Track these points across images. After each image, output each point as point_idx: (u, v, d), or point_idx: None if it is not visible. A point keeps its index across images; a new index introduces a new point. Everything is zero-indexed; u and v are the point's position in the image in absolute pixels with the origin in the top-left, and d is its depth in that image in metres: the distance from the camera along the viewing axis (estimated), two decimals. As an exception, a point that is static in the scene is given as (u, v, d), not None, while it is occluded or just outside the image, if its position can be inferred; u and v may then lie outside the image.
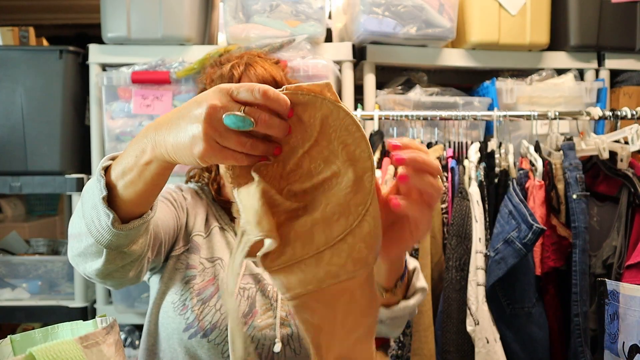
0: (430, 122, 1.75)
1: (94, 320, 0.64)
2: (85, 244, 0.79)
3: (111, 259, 0.79)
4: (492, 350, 1.42)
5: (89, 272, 0.84)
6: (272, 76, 1.15)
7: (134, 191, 0.73)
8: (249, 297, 1.06)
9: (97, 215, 0.75)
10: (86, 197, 0.77)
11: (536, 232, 1.38)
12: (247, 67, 1.14)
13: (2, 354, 0.60)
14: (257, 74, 1.14)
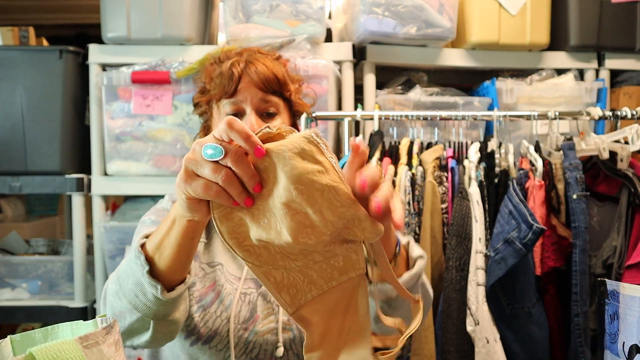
0: (430, 122, 1.75)
1: (94, 320, 0.64)
2: (129, 320, 0.85)
3: (158, 328, 0.86)
4: (492, 350, 1.42)
5: (141, 344, 0.91)
6: (273, 73, 1.12)
7: (170, 258, 0.77)
8: (250, 302, 1.04)
9: (142, 289, 0.80)
10: (124, 277, 0.83)
11: (536, 232, 1.38)
12: (247, 65, 1.12)
13: (2, 354, 0.60)
14: (258, 71, 1.11)
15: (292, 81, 1.19)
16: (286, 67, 1.24)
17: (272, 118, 1.13)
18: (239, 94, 1.10)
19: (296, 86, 1.21)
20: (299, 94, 1.23)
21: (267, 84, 1.11)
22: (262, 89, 1.10)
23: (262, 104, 1.11)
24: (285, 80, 1.14)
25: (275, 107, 1.13)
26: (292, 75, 1.22)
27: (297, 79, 1.24)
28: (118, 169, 1.86)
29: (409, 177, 1.55)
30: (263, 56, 1.17)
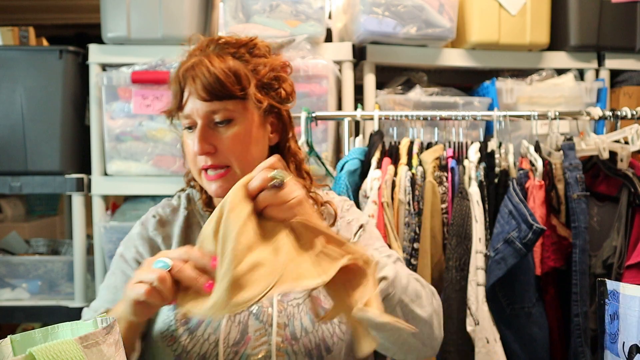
0: (430, 122, 1.75)
1: (94, 320, 0.64)
2: None
3: None
4: (492, 350, 1.42)
5: None
6: (215, 77, 0.96)
7: None
8: (240, 322, 0.96)
9: None
10: None
11: (536, 232, 1.38)
12: (191, 71, 0.98)
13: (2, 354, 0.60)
14: (199, 78, 0.96)
15: (258, 73, 1.01)
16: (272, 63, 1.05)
17: (227, 125, 0.98)
18: (187, 106, 0.99)
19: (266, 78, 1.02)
20: (281, 84, 1.05)
21: (209, 91, 0.97)
22: (205, 99, 0.97)
23: (209, 114, 0.98)
24: (237, 79, 0.98)
25: (227, 114, 0.98)
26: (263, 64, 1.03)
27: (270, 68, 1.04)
28: (118, 169, 1.86)
29: (409, 177, 1.55)
30: (219, 52, 1.01)
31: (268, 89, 1.03)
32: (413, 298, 0.91)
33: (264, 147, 1.04)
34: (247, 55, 1.03)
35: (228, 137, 0.99)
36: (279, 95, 1.05)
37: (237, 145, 0.99)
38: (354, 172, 1.60)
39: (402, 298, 0.89)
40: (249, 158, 1.00)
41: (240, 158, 1.00)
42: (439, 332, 1.00)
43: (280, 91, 1.05)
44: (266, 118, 1.04)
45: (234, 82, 0.98)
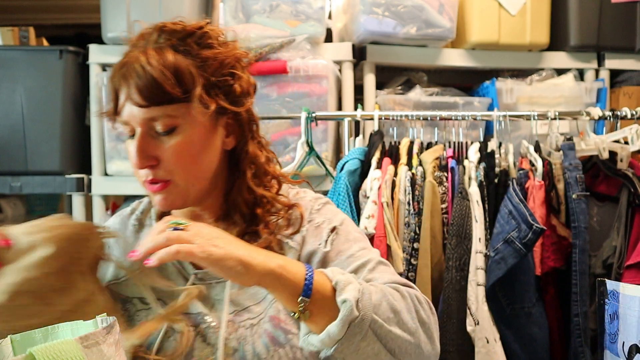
0: (430, 122, 1.75)
1: (94, 320, 0.64)
2: None
3: None
4: (492, 350, 1.42)
5: None
6: (152, 78, 0.81)
7: None
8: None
9: None
10: None
11: (536, 232, 1.38)
12: (125, 70, 0.84)
13: (2, 354, 0.60)
14: (134, 79, 0.82)
15: (207, 70, 0.86)
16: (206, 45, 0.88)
17: (170, 134, 0.84)
18: (123, 111, 0.86)
19: (217, 75, 0.87)
20: (235, 80, 0.89)
21: (145, 96, 0.82)
22: (140, 104, 0.82)
23: (148, 122, 0.84)
24: (178, 79, 0.83)
25: (169, 122, 0.83)
26: (213, 58, 0.87)
27: (221, 63, 0.88)
28: (118, 169, 1.86)
29: (409, 177, 1.55)
30: (159, 45, 0.85)
31: (219, 87, 0.87)
32: (389, 316, 0.77)
33: (215, 154, 0.89)
34: (194, 48, 0.86)
35: (171, 148, 0.84)
36: (232, 94, 0.89)
37: (182, 156, 0.85)
38: (354, 172, 1.60)
39: (374, 319, 0.75)
40: (195, 169, 0.87)
41: (185, 170, 0.86)
42: (430, 348, 0.84)
43: (235, 89, 0.89)
44: (218, 120, 0.89)
45: (175, 83, 0.82)
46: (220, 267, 0.73)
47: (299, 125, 1.67)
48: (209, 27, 0.89)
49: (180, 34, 0.87)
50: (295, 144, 1.72)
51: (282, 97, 1.78)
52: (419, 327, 0.81)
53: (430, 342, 0.84)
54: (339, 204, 1.54)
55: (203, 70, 0.86)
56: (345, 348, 0.75)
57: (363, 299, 0.75)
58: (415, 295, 0.84)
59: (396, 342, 0.78)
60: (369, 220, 1.50)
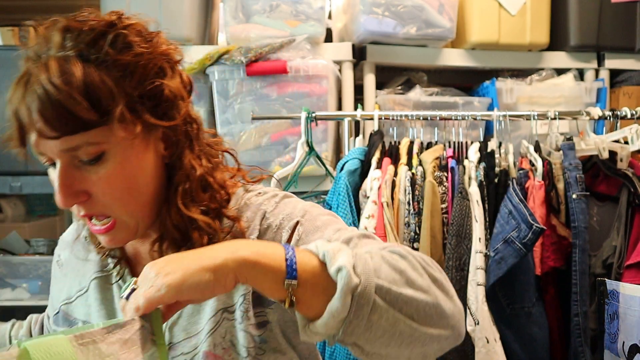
0: (430, 122, 1.75)
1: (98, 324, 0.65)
2: None
3: None
4: (492, 350, 1.42)
5: None
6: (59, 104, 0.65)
7: None
8: None
9: None
10: None
11: (536, 232, 1.38)
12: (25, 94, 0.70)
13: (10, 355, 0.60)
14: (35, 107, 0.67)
15: (130, 79, 0.70)
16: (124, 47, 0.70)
17: (97, 164, 0.70)
18: (33, 141, 0.71)
19: (142, 86, 0.71)
20: (163, 85, 0.73)
21: (53, 127, 0.66)
22: (50, 137, 0.67)
23: (68, 153, 0.70)
24: (93, 101, 0.67)
25: (93, 150, 0.69)
26: (135, 63, 0.71)
27: (145, 68, 0.72)
28: (118, 169, 1.86)
29: (408, 177, 1.55)
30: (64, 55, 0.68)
31: (145, 99, 0.71)
32: (394, 278, 0.64)
33: (154, 174, 0.75)
34: (109, 53, 0.69)
35: (101, 180, 0.70)
36: (163, 104, 0.73)
37: (116, 187, 0.71)
38: (354, 172, 1.60)
39: (378, 284, 0.62)
40: (134, 198, 0.73)
41: (123, 202, 0.73)
42: (451, 305, 0.68)
43: (165, 97, 0.73)
44: (151, 135, 0.74)
45: (88, 106, 0.66)
46: (187, 291, 0.59)
47: (299, 125, 1.67)
48: (126, 22, 0.72)
49: (89, 35, 0.69)
50: (295, 144, 1.72)
51: (282, 97, 1.78)
52: (431, 283, 0.67)
53: (449, 299, 0.68)
54: (339, 204, 1.54)
55: (123, 81, 0.69)
56: (356, 327, 0.61)
57: (359, 264, 0.63)
58: (418, 255, 0.70)
59: (412, 304, 0.64)
60: (369, 220, 1.50)
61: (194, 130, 0.79)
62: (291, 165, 1.66)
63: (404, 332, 0.63)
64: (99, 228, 0.74)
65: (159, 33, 0.76)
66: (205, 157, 0.80)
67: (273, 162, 1.81)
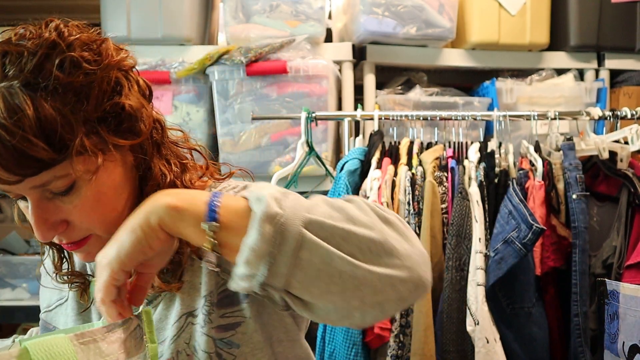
0: (430, 122, 1.75)
1: (103, 320, 0.64)
2: None
3: None
4: (492, 350, 1.42)
5: None
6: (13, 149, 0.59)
7: None
8: None
9: None
10: None
11: (536, 232, 1.38)
12: None
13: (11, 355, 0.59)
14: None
15: (86, 104, 0.64)
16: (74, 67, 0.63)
17: (69, 194, 0.66)
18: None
19: (101, 109, 0.65)
20: (122, 99, 0.68)
21: (13, 172, 0.61)
22: (12, 182, 0.62)
23: (36, 189, 0.65)
24: (49, 139, 0.61)
25: (61, 183, 0.65)
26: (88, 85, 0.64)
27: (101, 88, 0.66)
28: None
29: (409, 177, 1.55)
30: (8, 89, 0.61)
31: (107, 119, 0.66)
32: (331, 214, 0.58)
33: (128, 184, 0.72)
34: (58, 77, 0.62)
35: (77, 208, 0.67)
36: (125, 121, 0.68)
37: (95, 211, 0.68)
38: (354, 172, 1.60)
39: (308, 217, 0.56)
40: (114, 215, 0.70)
41: (104, 222, 0.69)
42: (407, 246, 0.60)
43: (127, 113, 0.68)
44: (118, 154, 0.70)
45: (46, 147, 0.60)
46: (126, 258, 0.58)
47: (299, 125, 1.67)
48: (68, 38, 0.65)
49: (31, 61, 0.62)
50: (295, 144, 1.72)
51: (282, 97, 1.78)
52: (379, 222, 0.60)
53: (405, 239, 0.60)
54: (339, 204, 1.53)
55: (80, 107, 0.63)
56: (281, 265, 0.54)
57: (288, 199, 0.57)
58: (375, 203, 0.63)
59: (351, 240, 0.56)
60: (369, 220, 1.50)
61: (159, 134, 0.75)
62: (291, 165, 1.66)
63: (344, 272, 0.55)
64: (73, 245, 0.71)
65: (105, 40, 0.69)
66: (174, 159, 0.77)
67: (273, 162, 1.81)
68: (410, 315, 1.48)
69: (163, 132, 0.76)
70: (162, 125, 0.76)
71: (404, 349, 1.47)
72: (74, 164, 0.63)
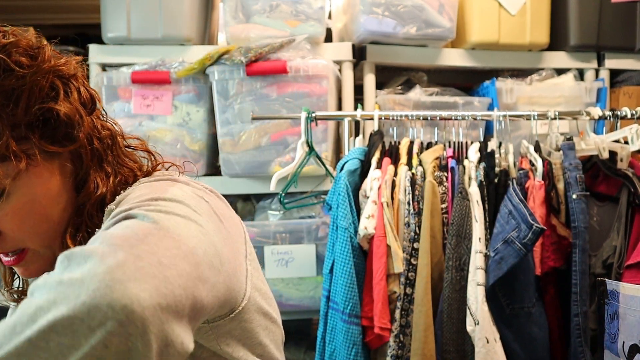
0: (430, 122, 1.75)
1: None
2: None
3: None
4: (492, 350, 1.42)
5: None
6: None
7: None
8: None
9: None
10: None
11: (536, 232, 1.38)
12: None
13: None
14: None
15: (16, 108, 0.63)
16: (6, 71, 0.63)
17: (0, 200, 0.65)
18: None
19: (31, 113, 0.64)
20: (57, 105, 0.66)
21: None
22: None
23: None
24: None
25: None
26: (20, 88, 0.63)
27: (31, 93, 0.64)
28: (118, 169, 1.86)
29: (408, 177, 1.55)
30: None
31: (37, 125, 0.65)
32: None
33: (66, 197, 0.69)
34: None
35: (7, 217, 0.65)
36: (60, 127, 0.67)
37: (25, 222, 0.66)
38: (354, 172, 1.60)
39: None
40: (47, 228, 0.68)
41: (36, 234, 0.67)
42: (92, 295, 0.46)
43: (61, 120, 0.66)
44: (55, 158, 0.68)
45: None
46: None
47: (299, 125, 1.67)
48: (3, 40, 0.64)
49: None
50: (295, 144, 1.72)
51: (282, 97, 1.78)
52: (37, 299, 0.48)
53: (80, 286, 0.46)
54: (339, 204, 1.54)
55: (6, 110, 0.62)
56: None
57: None
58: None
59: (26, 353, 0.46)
60: (369, 220, 1.50)
61: (104, 146, 0.72)
62: (291, 165, 1.66)
63: None
64: (10, 259, 0.68)
65: (44, 47, 0.67)
66: (118, 171, 0.73)
67: (273, 162, 1.81)
68: (410, 315, 1.48)
69: (112, 143, 0.74)
70: (113, 135, 0.74)
71: (404, 349, 1.48)
72: (4, 166, 0.61)
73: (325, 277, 1.57)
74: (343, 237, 1.51)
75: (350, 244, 1.50)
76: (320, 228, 1.84)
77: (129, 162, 0.76)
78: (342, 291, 1.48)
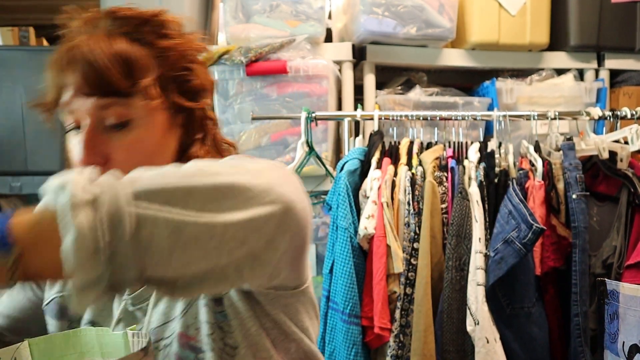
0: (430, 122, 1.75)
1: (124, 333, 0.60)
2: None
3: None
4: (492, 350, 1.42)
5: None
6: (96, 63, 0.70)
7: None
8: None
9: None
10: None
11: (536, 232, 1.38)
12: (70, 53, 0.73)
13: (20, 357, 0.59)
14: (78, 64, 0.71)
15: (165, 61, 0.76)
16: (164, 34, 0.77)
17: (123, 130, 0.73)
18: (68, 99, 0.74)
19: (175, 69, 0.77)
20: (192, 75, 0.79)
21: (89, 84, 0.71)
22: (85, 93, 0.72)
23: (98, 113, 0.72)
24: (126, 69, 0.72)
25: (122, 115, 0.73)
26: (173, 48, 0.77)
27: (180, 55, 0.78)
28: (118, 169, 1.86)
29: (408, 177, 1.55)
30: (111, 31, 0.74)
31: (175, 82, 0.77)
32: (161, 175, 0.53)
33: (168, 158, 0.77)
34: (150, 37, 0.76)
35: (123, 146, 0.73)
36: (190, 91, 0.79)
37: (134, 157, 0.73)
38: (354, 172, 1.60)
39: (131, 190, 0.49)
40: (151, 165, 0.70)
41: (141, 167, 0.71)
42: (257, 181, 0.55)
43: (193, 84, 0.79)
44: (176, 119, 0.78)
45: (121, 73, 0.71)
46: None
47: (299, 125, 1.67)
48: (167, 16, 0.79)
49: (135, 20, 0.76)
50: (295, 144, 1.72)
51: (282, 97, 1.78)
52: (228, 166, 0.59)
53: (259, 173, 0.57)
54: (339, 204, 1.54)
55: (158, 60, 0.75)
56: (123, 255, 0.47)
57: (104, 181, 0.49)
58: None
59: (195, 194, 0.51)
60: (369, 220, 1.50)
61: (210, 127, 0.82)
62: (291, 165, 1.66)
63: (199, 236, 0.50)
64: None
65: (193, 33, 0.82)
66: (216, 152, 0.82)
67: (273, 162, 1.81)
68: (410, 315, 1.48)
69: (214, 129, 0.84)
70: (216, 124, 0.85)
71: (404, 349, 1.48)
72: (136, 100, 0.73)
73: (325, 277, 1.57)
74: (343, 237, 1.51)
75: (350, 244, 1.50)
76: (320, 228, 1.84)
77: (224, 151, 0.85)
78: (342, 291, 1.48)
